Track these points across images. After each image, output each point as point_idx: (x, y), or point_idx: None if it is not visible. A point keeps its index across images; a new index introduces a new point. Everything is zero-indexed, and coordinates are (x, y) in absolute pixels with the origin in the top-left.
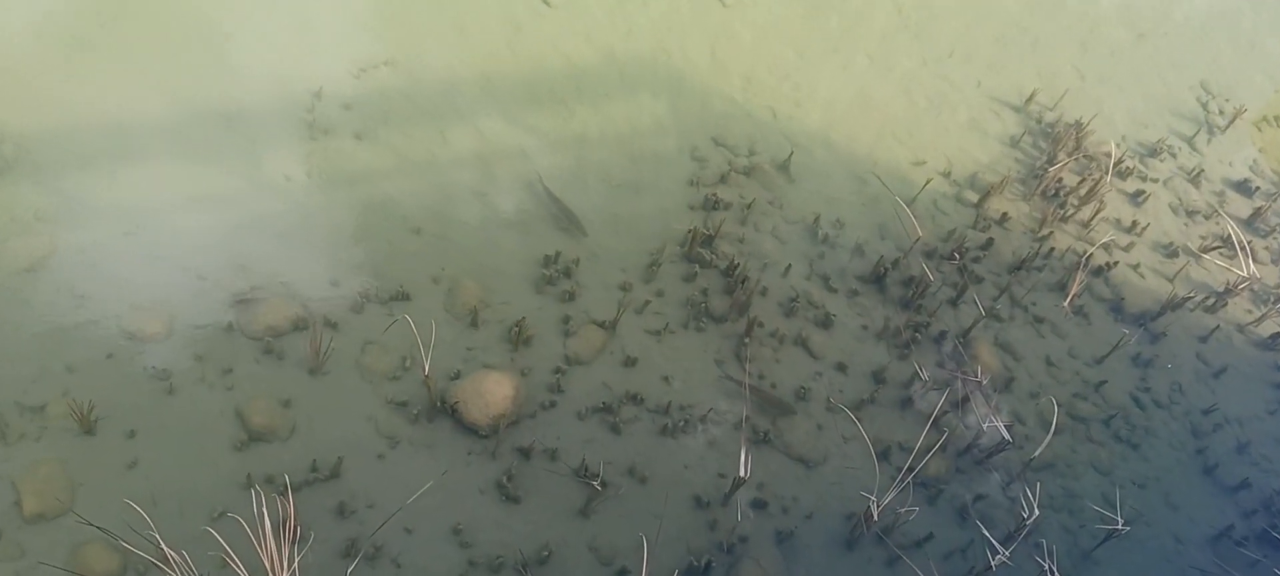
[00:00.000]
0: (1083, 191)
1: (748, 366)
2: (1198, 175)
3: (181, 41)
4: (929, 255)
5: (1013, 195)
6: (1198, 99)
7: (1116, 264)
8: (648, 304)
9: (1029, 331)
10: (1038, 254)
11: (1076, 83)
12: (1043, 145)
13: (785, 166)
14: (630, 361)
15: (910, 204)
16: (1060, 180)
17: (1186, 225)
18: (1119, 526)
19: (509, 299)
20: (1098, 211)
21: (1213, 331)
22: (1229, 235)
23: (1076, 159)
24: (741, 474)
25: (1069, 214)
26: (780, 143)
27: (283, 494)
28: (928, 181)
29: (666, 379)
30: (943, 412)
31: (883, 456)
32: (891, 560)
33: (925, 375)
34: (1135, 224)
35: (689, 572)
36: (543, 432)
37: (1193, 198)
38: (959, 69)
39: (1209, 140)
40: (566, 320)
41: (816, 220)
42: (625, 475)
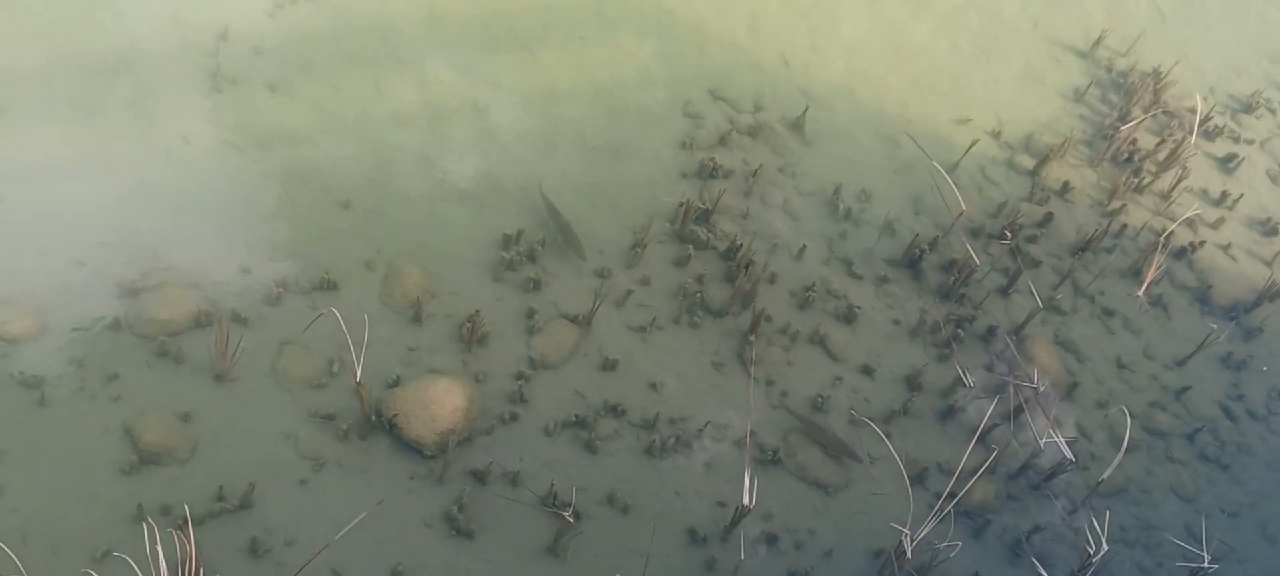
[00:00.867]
0: (1162, 155)
1: (753, 371)
2: None
3: None
4: (975, 234)
5: (1076, 160)
6: None
7: (1202, 244)
8: (630, 294)
9: (1096, 327)
10: (1107, 232)
11: (1155, 22)
12: (1113, 99)
13: (799, 125)
14: (609, 365)
15: (952, 171)
16: (1134, 141)
17: None
18: (1205, 564)
19: (460, 288)
20: (1180, 180)
21: None
22: None
23: (1154, 115)
24: (746, 502)
25: (1145, 183)
26: (793, 96)
27: (181, 528)
28: (973, 143)
29: (654, 386)
30: (991, 426)
31: (918, 480)
32: None
33: (970, 381)
34: (1226, 195)
35: None
36: (502, 452)
37: None
38: (1012, 5)
39: None
40: (531, 314)
41: (837, 191)
42: (603, 504)
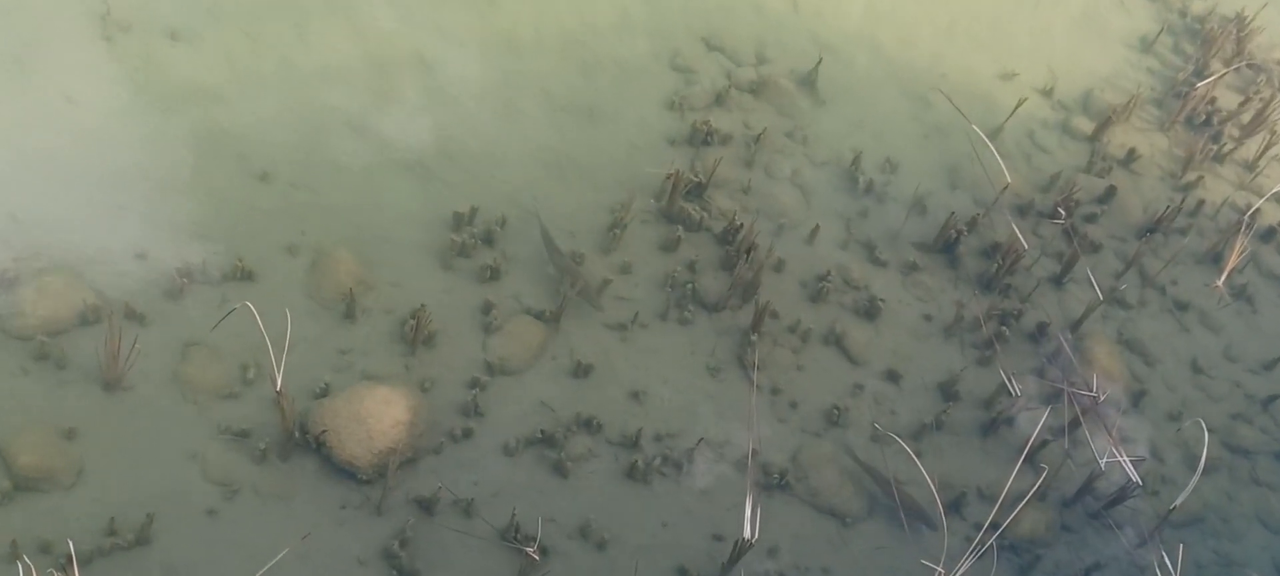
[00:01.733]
0: (1246, 117)
1: (755, 377)
2: None
3: None
4: (1022, 212)
5: (1144, 123)
6: None
7: None
8: (608, 284)
9: (1167, 323)
10: (1180, 210)
11: None
12: (1188, 49)
13: (811, 81)
14: (582, 370)
15: (994, 136)
16: (1213, 101)
17: None
18: None
19: (401, 277)
20: (1268, 146)
21: None
22: None
23: (1237, 69)
24: (747, 535)
25: (1226, 150)
26: (804, 46)
27: (64, 568)
28: (1020, 103)
29: (636, 395)
30: (1042, 443)
31: (954, 508)
32: None
33: (1017, 388)
34: None
35: None
36: (452, 476)
37: None
38: None
39: None
40: (488, 309)
41: (856, 161)
42: (575, 538)
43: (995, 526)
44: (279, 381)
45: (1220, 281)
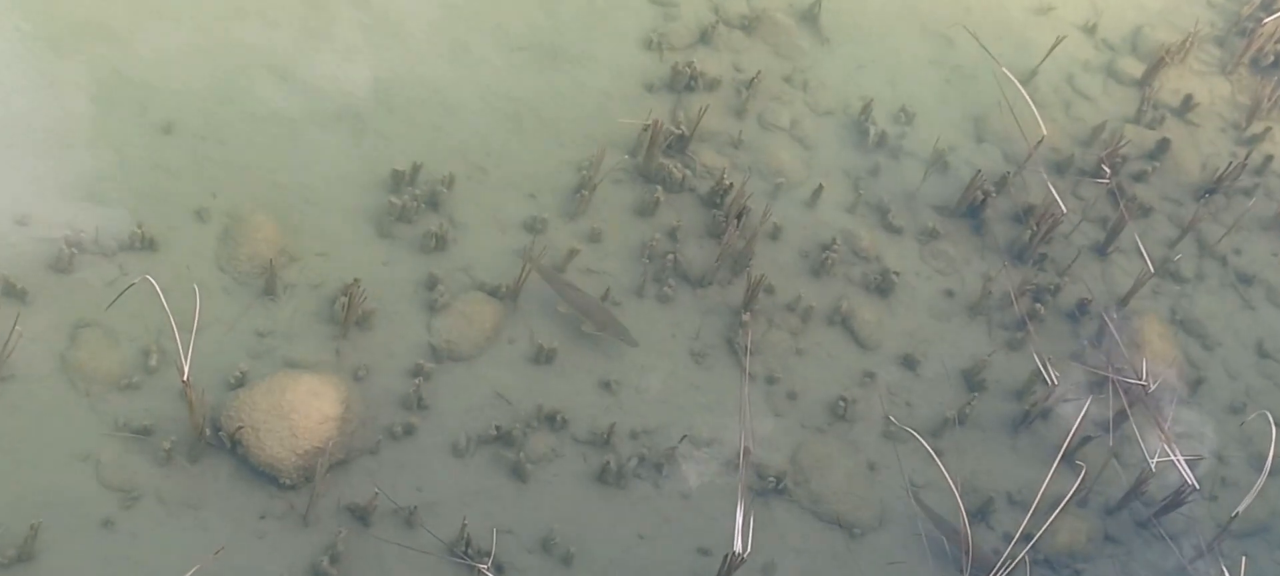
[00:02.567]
0: None
1: (748, 363)
2: None
3: None
4: (1060, 170)
5: (1202, 66)
6: None
7: None
8: (575, 254)
9: (1228, 299)
10: (1244, 167)
11: None
12: None
13: (812, 15)
14: (545, 355)
15: (1028, 81)
16: None
17: None
18: None
19: (331, 247)
20: None
21: None
22: None
23: None
24: (738, 547)
25: None
26: None
27: None
28: (1058, 42)
29: (607, 385)
30: (1083, 440)
31: (980, 515)
32: None
33: (1054, 376)
34: None
35: None
36: (392, 480)
37: None
38: None
39: None
40: (433, 284)
41: (866, 110)
42: (536, 552)
43: (1027, 537)
44: (186, 369)
45: None
